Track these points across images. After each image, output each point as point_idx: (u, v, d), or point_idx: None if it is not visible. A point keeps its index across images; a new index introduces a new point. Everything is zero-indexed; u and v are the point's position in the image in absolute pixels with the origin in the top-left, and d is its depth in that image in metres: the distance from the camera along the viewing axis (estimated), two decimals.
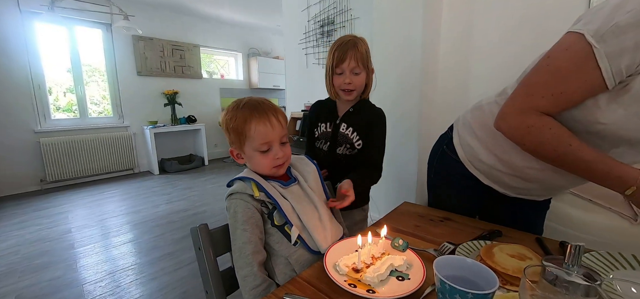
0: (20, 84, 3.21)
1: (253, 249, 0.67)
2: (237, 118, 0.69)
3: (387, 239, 0.64)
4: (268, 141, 0.69)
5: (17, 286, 1.68)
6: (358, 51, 0.90)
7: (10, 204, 3.00)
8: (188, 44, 4.49)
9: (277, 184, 0.73)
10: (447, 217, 0.88)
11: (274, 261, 0.71)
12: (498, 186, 0.83)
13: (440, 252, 0.65)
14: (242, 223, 0.67)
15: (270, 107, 0.71)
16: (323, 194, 0.81)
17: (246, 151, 0.71)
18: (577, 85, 0.56)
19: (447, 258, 0.48)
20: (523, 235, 0.76)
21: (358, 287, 0.52)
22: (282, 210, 0.68)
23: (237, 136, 0.70)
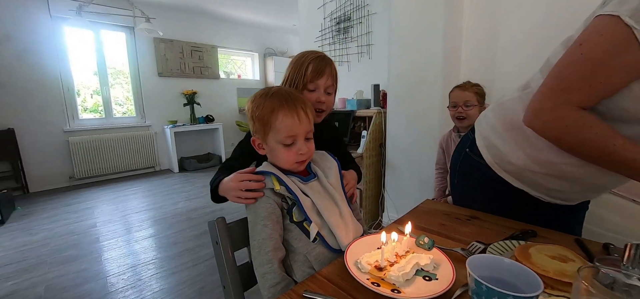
0: (51, 86, 3.40)
1: (273, 245, 0.65)
2: (264, 107, 0.66)
3: (411, 237, 0.61)
4: (293, 135, 0.66)
5: (47, 277, 1.77)
6: (333, 69, 0.84)
7: (42, 199, 3.18)
8: (206, 45, 4.59)
9: (297, 179, 0.70)
10: (474, 216, 0.83)
11: (292, 258, 0.69)
12: (532, 189, 0.76)
13: (470, 252, 0.61)
14: (263, 218, 0.65)
15: (299, 100, 0.68)
16: (342, 191, 0.77)
17: (269, 142, 0.69)
18: (618, 72, 0.51)
19: (481, 257, 0.44)
20: (560, 236, 0.70)
21: (382, 286, 0.49)
22: (302, 206, 0.66)
23: (262, 125, 0.67)
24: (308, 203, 0.67)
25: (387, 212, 2.18)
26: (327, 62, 0.83)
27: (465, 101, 1.31)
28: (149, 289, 1.64)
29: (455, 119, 1.37)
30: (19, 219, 2.64)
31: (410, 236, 0.60)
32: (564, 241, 0.68)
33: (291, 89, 0.71)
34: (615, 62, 0.51)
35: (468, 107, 1.31)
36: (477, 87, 1.35)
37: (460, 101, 1.32)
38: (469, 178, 0.89)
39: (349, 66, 2.73)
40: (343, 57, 2.75)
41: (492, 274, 0.42)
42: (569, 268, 0.50)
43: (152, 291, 1.63)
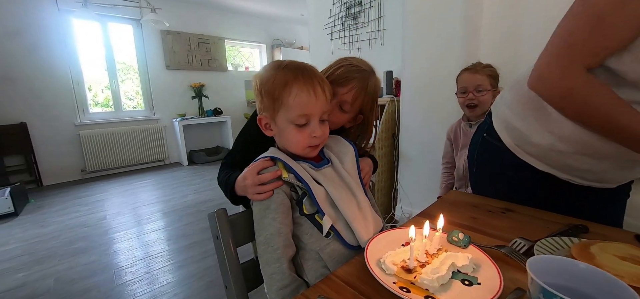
0: (61, 80, 3.42)
1: (283, 242, 0.57)
2: (275, 79, 0.57)
3: (442, 233, 0.51)
4: (307, 114, 0.57)
5: (57, 269, 1.76)
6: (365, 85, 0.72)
7: (54, 192, 3.21)
8: (213, 37, 4.53)
9: (308, 166, 0.61)
10: (509, 208, 0.72)
11: (302, 256, 0.61)
12: (560, 171, 0.67)
13: (514, 250, 0.51)
14: (272, 211, 0.57)
15: (317, 74, 0.60)
16: (360, 179, 0.68)
17: (279, 122, 0.59)
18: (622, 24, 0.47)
19: (545, 259, 0.34)
20: (615, 232, 0.60)
21: (412, 292, 0.40)
22: (314, 196, 0.57)
23: (272, 101, 0.58)
24: (321, 193, 0.58)
25: (400, 205, 2.08)
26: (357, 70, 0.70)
27: (477, 86, 1.12)
28: (156, 282, 1.60)
29: (465, 107, 1.18)
30: (32, 211, 2.67)
31: (442, 232, 0.51)
32: (621, 237, 0.57)
33: (306, 63, 0.61)
34: (619, 12, 0.47)
35: (480, 93, 1.12)
36: (489, 69, 1.15)
37: (470, 86, 1.14)
38: (488, 167, 0.81)
39: (360, 54, 2.61)
40: (353, 45, 2.63)
41: (561, 282, 0.32)
42: None
43: (160, 284, 1.59)
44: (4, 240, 2.14)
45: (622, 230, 0.61)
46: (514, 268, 0.48)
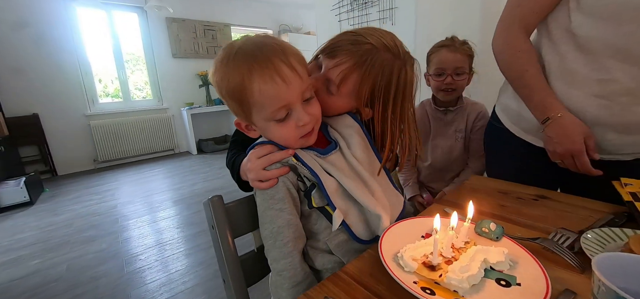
0: (70, 71, 3.43)
1: (294, 233, 0.50)
2: (230, 79, 0.45)
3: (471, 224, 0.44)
4: (284, 105, 0.46)
5: (69, 256, 1.78)
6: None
7: (68, 181, 3.28)
8: (219, 24, 4.45)
9: (313, 154, 0.52)
10: (542, 195, 0.64)
11: (309, 243, 0.55)
12: None
13: (556, 243, 0.43)
14: (279, 201, 0.49)
15: (275, 50, 0.45)
16: (374, 160, 0.57)
17: (257, 122, 0.49)
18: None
19: (615, 258, 0.27)
20: None
21: (438, 294, 0.33)
22: (325, 189, 0.49)
23: (238, 103, 0.47)
24: (332, 185, 0.50)
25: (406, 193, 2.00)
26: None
27: (456, 68, 0.92)
28: (165, 270, 1.60)
29: (440, 92, 0.97)
30: (47, 200, 2.72)
31: (471, 222, 0.43)
32: None
33: (263, 36, 0.48)
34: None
35: (459, 76, 0.93)
36: (467, 47, 0.95)
37: (449, 68, 0.93)
38: (496, 151, 0.83)
39: None
40: (362, 25, 2.51)
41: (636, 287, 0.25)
42: None
43: (169, 271, 1.59)
44: (19, 228, 2.18)
45: None
46: (556, 264, 0.41)
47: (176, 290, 1.44)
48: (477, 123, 0.99)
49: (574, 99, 0.59)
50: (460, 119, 1.00)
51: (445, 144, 1.03)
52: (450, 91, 0.95)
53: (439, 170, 1.08)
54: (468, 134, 1.01)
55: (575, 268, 0.39)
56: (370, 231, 0.51)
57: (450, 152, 1.03)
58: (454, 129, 1.01)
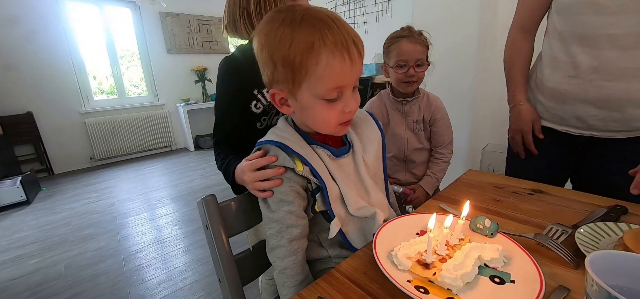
0: (63, 68, 3.38)
1: (300, 233, 0.50)
2: (294, 41, 0.41)
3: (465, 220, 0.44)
4: (342, 86, 0.44)
5: (67, 255, 1.78)
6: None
7: (65, 180, 3.26)
8: (214, 18, 4.39)
9: (326, 152, 0.51)
10: (538, 189, 0.64)
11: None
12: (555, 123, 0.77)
13: (550, 238, 0.43)
14: (287, 203, 0.49)
15: (347, 27, 0.43)
16: (381, 174, 0.57)
17: (301, 97, 0.45)
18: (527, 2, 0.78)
19: (609, 256, 0.27)
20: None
21: (431, 292, 0.33)
22: (328, 196, 0.48)
23: (291, 71, 0.43)
24: (335, 192, 0.49)
25: None
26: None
27: (417, 60, 0.92)
28: (164, 267, 1.60)
29: (402, 83, 0.97)
30: (44, 199, 2.71)
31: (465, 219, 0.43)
32: None
33: (327, 10, 0.45)
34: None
35: (420, 68, 0.93)
36: (424, 38, 0.96)
37: (411, 60, 0.92)
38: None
39: (366, 28, 2.46)
40: (359, 18, 2.48)
41: (633, 285, 0.25)
42: None
43: (167, 269, 1.59)
44: (17, 228, 2.18)
45: None
46: (551, 260, 0.41)
47: (175, 287, 1.45)
48: (437, 115, 1.00)
49: (556, 80, 0.73)
50: (417, 109, 1.01)
51: (404, 134, 1.03)
52: (412, 82, 0.95)
53: (401, 161, 1.08)
54: (427, 125, 1.02)
55: (569, 263, 0.39)
56: (366, 240, 0.51)
57: (408, 142, 1.04)
58: (412, 119, 1.01)
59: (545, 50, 0.76)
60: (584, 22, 0.64)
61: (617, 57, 0.62)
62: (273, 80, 0.46)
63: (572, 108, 0.71)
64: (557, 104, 0.74)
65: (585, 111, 0.69)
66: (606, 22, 0.61)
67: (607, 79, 0.64)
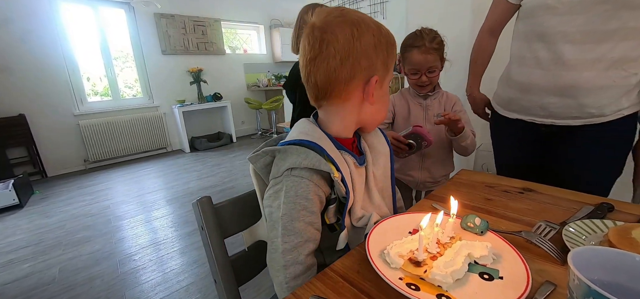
0: (56, 69, 3.34)
1: (315, 247, 0.49)
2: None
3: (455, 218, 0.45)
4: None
5: (61, 258, 1.76)
6: None
7: (59, 182, 3.22)
8: (209, 19, 4.37)
9: (352, 161, 0.51)
10: (528, 188, 0.66)
11: None
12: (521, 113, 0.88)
13: (540, 236, 0.45)
14: (310, 213, 0.46)
15: None
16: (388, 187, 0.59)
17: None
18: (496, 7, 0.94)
19: (590, 251, 0.28)
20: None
21: (422, 289, 0.34)
22: (347, 207, 0.48)
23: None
24: (351, 203, 0.50)
25: None
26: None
27: (429, 68, 0.98)
28: (159, 269, 1.59)
29: (417, 87, 1.04)
30: (37, 202, 2.68)
31: (456, 217, 0.44)
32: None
33: None
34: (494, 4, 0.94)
35: (432, 74, 1.00)
36: (436, 42, 0.97)
37: (423, 68, 0.98)
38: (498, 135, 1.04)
39: None
40: None
41: (612, 279, 0.26)
42: None
43: (164, 271, 1.58)
44: (10, 231, 2.15)
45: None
46: (539, 256, 0.42)
47: (171, 289, 1.44)
48: (457, 107, 1.06)
49: (523, 73, 0.84)
50: (437, 104, 1.06)
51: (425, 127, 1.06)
52: (426, 86, 1.02)
53: (418, 155, 1.09)
54: None
55: (556, 260, 0.40)
56: None
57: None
58: (432, 113, 1.06)
59: (513, 52, 0.89)
60: (541, 22, 0.76)
61: (569, 50, 0.73)
62: (372, 67, 0.48)
63: (536, 97, 0.82)
64: (524, 95, 0.85)
65: (547, 100, 0.80)
66: (559, 21, 0.73)
67: (563, 69, 0.75)
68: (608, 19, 0.67)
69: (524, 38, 0.83)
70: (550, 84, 0.78)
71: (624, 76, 0.70)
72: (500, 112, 0.96)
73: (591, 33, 0.70)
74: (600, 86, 0.72)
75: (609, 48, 0.69)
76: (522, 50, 0.84)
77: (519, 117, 0.89)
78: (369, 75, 0.48)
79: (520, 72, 0.85)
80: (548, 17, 0.75)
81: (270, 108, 4.59)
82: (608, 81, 0.71)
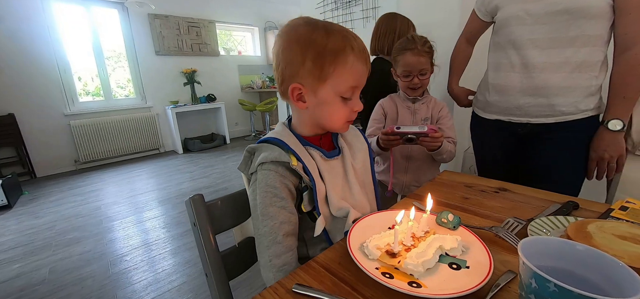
0: (47, 69, 3.30)
1: (294, 229, 0.53)
2: (328, 44, 0.48)
3: (431, 215, 0.48)
4: (358, 86, 0.53)
5: (51, 259, 1.75)
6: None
7: (49, 183, 3.18)
8: (203, 20, 4.38)
9: (319, 154, 0.56)
10: (502, 187, 0.70)
11: None
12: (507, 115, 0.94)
13: (507, 230, 0.48)
14: (280, 199, 0.52)
15: (364, 46, 0.53)
16: (369, 182, 0.63)
17: (322, 93, 0.51)
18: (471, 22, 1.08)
19: (539, 241, 0.31)
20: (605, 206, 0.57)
21: (396, 277, 0.37)
22: (316, 193, 0.52)
23: (319, 67, 0.49)
24: (322, 191, 0.54)
25: None
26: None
27: (421, 70, 1.02)
28: (152, 270, 1.60)
29: (408, 89, 1.07)
30: (26, 203, 2.64)
31: (431, 213, 0.48)
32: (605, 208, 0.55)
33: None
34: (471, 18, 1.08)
35: (423, 76, 1.04)
36: (428, 46, 1.03)
37: (415, 70, 1.02)
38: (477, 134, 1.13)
39: None
40: (347, 24, 2.54)
41: (556, 265, 0.30)
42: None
43: (155, 271, 1.59)
44: None
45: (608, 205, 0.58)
46: (506, 249, 0.46)
47: (163, 289, 1.45)
48: (443, 113, 1.10)
49: (500, 77, 0.93)
50: (425, 108, 1.10)
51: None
52: (417, 88, 1.07)
53: (404, 157, 1.13)
54: (434, 122, 1.10)
55: None
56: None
57: None
58: (420, 117, 1.10)
59: (490, 61, 0.99)
60: (513, 31, 0.86)
61: (538, 54, 0.82)
62: (295, 75, 0.51)
63: (513, 98, 0.89)
64: (501, 97, 0.93)
65: (523, 100, 0.88)
66: (528, 30, 0.83)
67: (534, 72, 0.83)
68: (569, 27, 0.76)
69: (499, 48, 0.93)
70: (524, 86, 0.86)
71: (586, 77, 0.79)
72: (480, 114, 1.05)
73: (556, 40, 0.79)
74: (567, 86, 0.81)
75: (572, 52, 0.78)
76: (498, 57, 0.93)
77: (498, 117, 0.97)
78: (291, 83, 0.52)
79: (497, 76, 0.94)
80: (519, 27, 0.84)
81: (264, 110, 4.60)
82: (573, 83, 0.80)
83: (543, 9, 0.79)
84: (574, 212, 0.57)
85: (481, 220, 0.55)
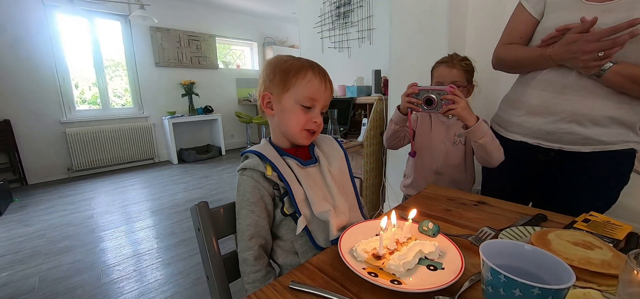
0: (46, 76, 3.34)
1: (254, 232, 0.61)
2: (292, 63, 0.63)
3: (413, 223, 0.54)
4: (315, 99, 0.63)
5: (41, 268, 1.73)
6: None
7: (40, 191, 3.14)
8: (204, 34, 4.49)
9: (295, 163, 0.64)
10: (482, 201, 0.76)
11: (277, 243, 0.66)
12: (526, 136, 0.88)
13: (480, 238, 0.54)
14: (250, 204, 0.61)
15: (326, 73, 0.66)
16: (348, 184, 0.71)
17: (285, 101, 0.63)
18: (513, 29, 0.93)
19: (497, 243, 0.37)
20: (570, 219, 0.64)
21: (380, 276, 0.43)
22: (293, 197, 0.60)
23: (284, 79, 0.62)
24: (300, 194, 0.61)
25: (388, 201, 2.12)
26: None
27: (453, 82, 0.99)
28: (144, 280, 1.60)
29: None
30: (16, 211, 2.61)
31: (413, 222, 0.54)
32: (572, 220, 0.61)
33: None
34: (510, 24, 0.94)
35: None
36: (465, 63, 1.04)
37: (447, 81, 1.00)
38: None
39: (350, 52, 2.63)
40: (343, 43, 2.65)
41: (510, 263, 0.35)
42: (595, 256, 0.44)
43: (147, 281, 1.59)
44: None
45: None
46: (478, 254, 0.51)
47: None
48: None
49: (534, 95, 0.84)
50: (459, 125, 1.02)
51: (442, 147, 1.07)
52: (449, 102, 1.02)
53: (433, 172, 1.10)
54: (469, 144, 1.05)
55: None
56: (328, 238, 0.61)
57: (447, 155, 1.06)
58: (453, 132, 1.07)
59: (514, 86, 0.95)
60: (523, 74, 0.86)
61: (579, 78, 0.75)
62: (268, 87, 0.64)
63: (544, 120, 0.81)
64: (531, 117, 0.84)
65: (554, 126, 0.80)
66: None
67: (573, 95, 0.76)
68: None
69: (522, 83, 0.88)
70: (558, 109, 0.78)
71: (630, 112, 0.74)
72: (500, 132, 0.95)
73: None
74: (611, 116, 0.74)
75: None
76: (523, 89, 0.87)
77: (523, 139, 0.88)
78: (263, 92, 0.65)
79: (531, 94, 0.84)
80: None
81: (260, 122, 4.67)
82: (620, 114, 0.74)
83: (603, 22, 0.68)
84: (542, 224, 0.63)
85: (459, 229, 0.61)
